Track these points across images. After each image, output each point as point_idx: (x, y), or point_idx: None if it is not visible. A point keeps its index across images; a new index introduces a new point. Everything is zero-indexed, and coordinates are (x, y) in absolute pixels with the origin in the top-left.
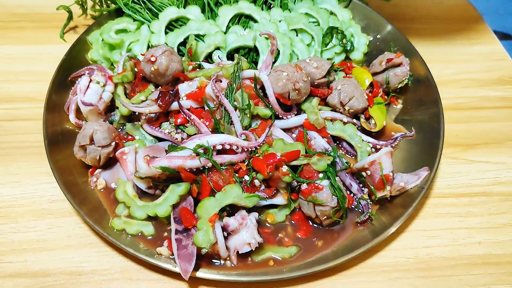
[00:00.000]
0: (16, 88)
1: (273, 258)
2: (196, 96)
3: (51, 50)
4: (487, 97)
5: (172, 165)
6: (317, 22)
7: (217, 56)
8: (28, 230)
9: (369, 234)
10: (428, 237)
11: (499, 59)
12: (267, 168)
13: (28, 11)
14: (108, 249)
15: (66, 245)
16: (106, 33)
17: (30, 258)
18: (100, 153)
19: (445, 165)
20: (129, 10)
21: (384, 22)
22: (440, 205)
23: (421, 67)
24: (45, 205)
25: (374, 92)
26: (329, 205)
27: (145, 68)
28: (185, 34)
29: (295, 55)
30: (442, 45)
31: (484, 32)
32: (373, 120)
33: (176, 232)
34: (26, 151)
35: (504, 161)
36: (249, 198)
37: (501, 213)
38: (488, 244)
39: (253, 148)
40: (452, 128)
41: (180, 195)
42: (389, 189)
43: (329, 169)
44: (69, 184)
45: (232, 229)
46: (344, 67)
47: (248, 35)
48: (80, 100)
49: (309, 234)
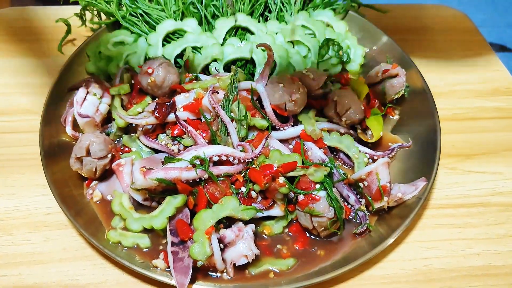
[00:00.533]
0: (13, 101)
1: (271, 270)
2: (193, 107)
3: (49, 63)
4: (483, 107)
5: (168, 177)
6: (314, 34)
7: (214, 68)
8: (23, 243)
9: (366, 245)
10: (426, 248)
11: (495, 70)
12: (264, 179)
13: (27, 24)
14: (104, 262)
15: (61, 258)
16: (103, 45)
17: (25, 272)
18: (96, 165)
19: (442, 175)
20: (126, 22)
21: (380, 33)
22: (438, 216)
23: (417, 78)
24: (40, 218)
25: (370, 103)
26: (326, 216)
27: (142, 80)
28: (182, 46)
29: (291, 67)
30: (438, 56)
31: (480, 44)
32: (370, 131)
33: (172, 244)
34: (22, 163)
35: (501, 171)
36: (246, 210)
37: (499, 223)
38: (488, 255)
39: (249, 159)
40: (448, 139)
41: (176, 207)
42: (386, 200)
43: (326, 180)
44: (65, 196)
45: (229, 241)
46: (340, 78)
47: (245, 47)
48: (77, 112)
49: (306, 245)
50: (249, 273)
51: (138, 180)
